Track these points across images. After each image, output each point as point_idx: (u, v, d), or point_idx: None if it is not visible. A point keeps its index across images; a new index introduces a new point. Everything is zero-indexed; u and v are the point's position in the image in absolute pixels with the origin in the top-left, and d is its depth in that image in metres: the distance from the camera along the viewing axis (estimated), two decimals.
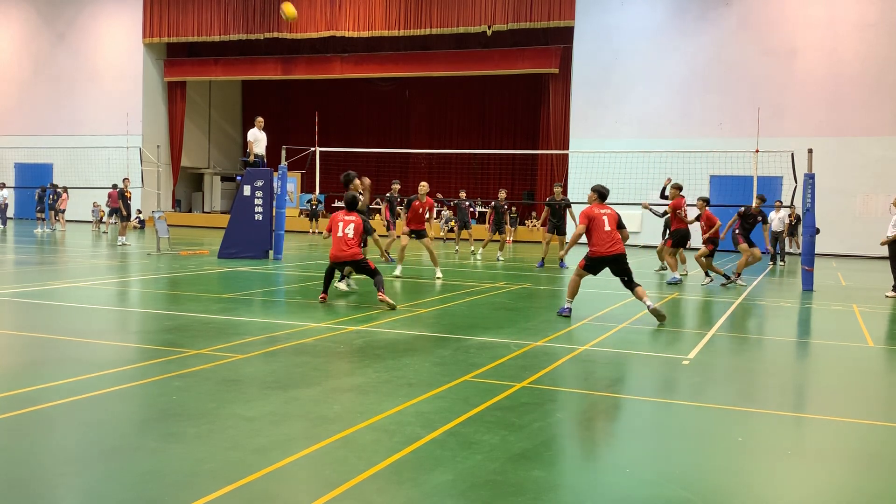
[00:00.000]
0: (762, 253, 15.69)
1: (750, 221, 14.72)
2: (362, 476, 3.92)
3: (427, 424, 4.81)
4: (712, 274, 14.39)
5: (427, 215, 14.48)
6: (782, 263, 20.59)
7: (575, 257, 15.08)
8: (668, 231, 16.05)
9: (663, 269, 16.12)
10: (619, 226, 9.57)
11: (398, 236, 15.73)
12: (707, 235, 14.32)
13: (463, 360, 6.82)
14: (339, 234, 10.25)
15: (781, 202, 19.91)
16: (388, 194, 18.16)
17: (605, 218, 9.48)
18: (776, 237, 20.50)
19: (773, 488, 4.06)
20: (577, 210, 14.25)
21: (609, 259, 9.43)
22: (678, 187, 14.80)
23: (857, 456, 4.71)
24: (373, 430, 4.69)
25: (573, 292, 9.72)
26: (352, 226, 10.29)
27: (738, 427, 5.17)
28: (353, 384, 5.82)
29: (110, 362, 6.36)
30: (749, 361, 7.60)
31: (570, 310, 9.63)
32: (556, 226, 17.46)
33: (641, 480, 4.06)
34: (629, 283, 9.51)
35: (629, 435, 4.97)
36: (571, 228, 17.74)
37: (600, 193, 9.73)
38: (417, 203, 14.28)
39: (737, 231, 14.80)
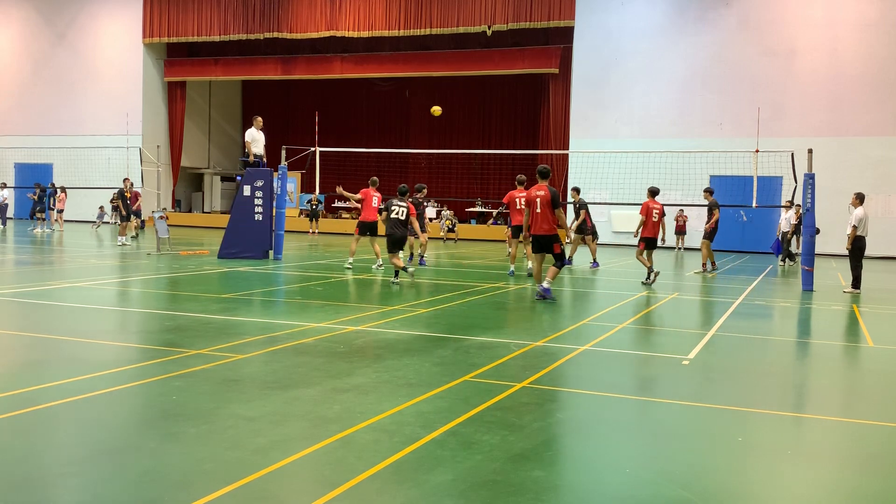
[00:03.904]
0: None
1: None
2: (362, 476, 3.92)
3: (427, 424, 4.81)
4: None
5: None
6: (791, 263, 20.18)
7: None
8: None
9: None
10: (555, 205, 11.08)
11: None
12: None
13: (463, 360, 6.82)
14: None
15: (791, 202, 19.59)
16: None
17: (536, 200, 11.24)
18: (784, 237, 20.31)
19: (773, 488, 4.06)
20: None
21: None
22: (522, 182, 14.90)
23: (857, 456, 4.71)
24: (373, 430, 4.69)
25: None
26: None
27: (738, 427, 5.16)
28: (353, 384, 5.82)
29: (110, 362, 6.36)
30: (749, 361, 7.59)
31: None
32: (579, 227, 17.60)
33: (641, 480, 4.06)
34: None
35: (629, 435, 4.97)
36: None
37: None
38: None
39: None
